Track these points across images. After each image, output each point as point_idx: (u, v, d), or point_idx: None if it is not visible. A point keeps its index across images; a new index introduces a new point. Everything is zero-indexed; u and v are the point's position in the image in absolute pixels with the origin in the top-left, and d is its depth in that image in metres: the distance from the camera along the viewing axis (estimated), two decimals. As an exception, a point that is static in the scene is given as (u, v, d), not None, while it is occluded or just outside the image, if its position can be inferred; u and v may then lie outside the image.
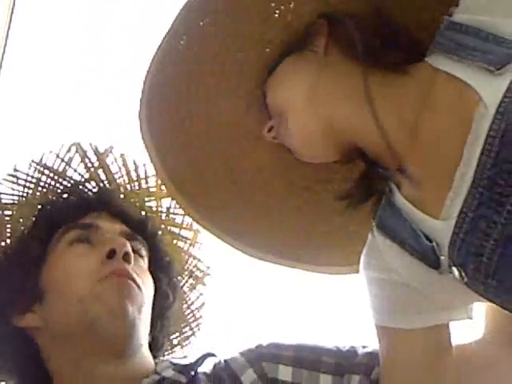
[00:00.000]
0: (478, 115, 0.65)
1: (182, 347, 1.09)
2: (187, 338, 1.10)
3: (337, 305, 1.35)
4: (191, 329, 1.10)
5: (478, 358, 0.84)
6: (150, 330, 0.93)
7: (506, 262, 0.64)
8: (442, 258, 0.70)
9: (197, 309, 1.10)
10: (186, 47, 0.83)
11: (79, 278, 0.86)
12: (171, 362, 0.91)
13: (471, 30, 0.71)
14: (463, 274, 0.69)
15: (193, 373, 0.88)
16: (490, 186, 0.64)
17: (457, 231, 0.68)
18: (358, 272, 0.84)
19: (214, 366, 0.90)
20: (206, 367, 0.90)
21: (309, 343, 0.90)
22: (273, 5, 0.82)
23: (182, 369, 0.89)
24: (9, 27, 1.42)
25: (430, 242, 0.71)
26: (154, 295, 0.94)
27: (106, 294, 0.84)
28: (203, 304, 1.10)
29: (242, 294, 1.43)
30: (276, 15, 0.83)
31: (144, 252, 0.95)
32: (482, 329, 0.84)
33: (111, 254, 0.87)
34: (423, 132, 0.73)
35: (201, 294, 1.10)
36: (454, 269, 0.69)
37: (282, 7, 0.82)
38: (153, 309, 0.92)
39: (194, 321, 1.10)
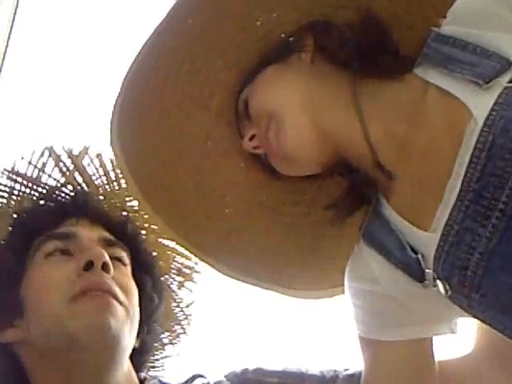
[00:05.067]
0: (469, 130, 0.65)
1: (173, 345, 1.08)
2: (178, 335, 1.08)
3: (322, 323, 1.33)
4: (182, 327, 1.08)
5: (466, 373, 0.84)
6: (138, 335, 0.91)
7: (490, 276, 0.64)
8: (427, 270, 0.70)
9: (187, 306, 1.08)
10: (169, 47, 0.81)
11: (55, 292, 0.84)
12: (160, 381, 0.90)
13: (458, 43, 0.71)
14: (447, 287, 0.68)
15: None
16: (476, 199, 0.64)
17: (442, 244, 0.68)
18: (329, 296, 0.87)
19: None
20: None
21: (293, 369, 0.91)
22: (257, 12, 0.82)
23: None
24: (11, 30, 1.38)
25: (416, 254, 0.71)
26: (140, 299, 0.91)
27: (85, 310, 0.82)
28: (193, 301, 1.09)
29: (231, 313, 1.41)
30: (258, 23, 0.82)
31: (126, 258, 0.92)
32: (472, 344, 0.84)
33: (88, 266, 0.85)
34: (414, 145, 0.72)
35: (190, 291, 1.08)
36: (439, 282, 0.69)
37: (265, 16, 0.82)
38: (139, 313, 0.90)
39: (184, 318, 1.08)
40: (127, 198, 1.02)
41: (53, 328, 0.82)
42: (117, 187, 1.01)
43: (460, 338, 0.80)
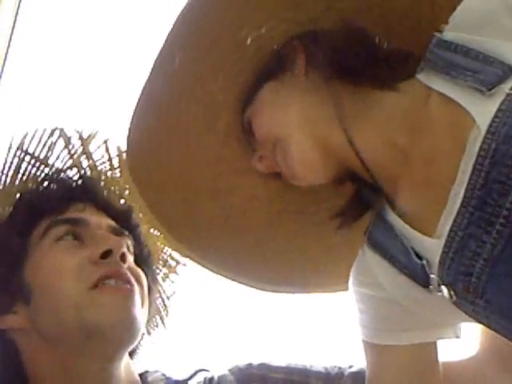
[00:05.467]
0: (472, 137, 0.65)
1: (149, 334, 1.08)
2: (156, 325, 1.08)
3: (328, 318, 1.36)
4: (161, 317, 1.08)
5: (470, 375, 0.86)
6: None
7: (494, 282, 0.64)
8: (432, 276, 0.70)
9: (168, 297, 1.08)
10: (163, 87, 0.81)
11: (71, 279, 0.81)
12: (163, 375, 0.89)
13: (460, 49, 0.71)
14: (452, 293, 0.69)
15: None
16: (480, 206, 0.64)
17: (446, 250, 0.68)
18: None
19: (204, 381, 0.89)
20: (196, 380, 0.90)
21: (298, 365, 0.91)
22: (244, 32, 0.80)
23: None
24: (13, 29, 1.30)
25: (421, 259, 0.71)
26: None
27: (108, 302, 0.80)
28: (174, 293, 1.09)
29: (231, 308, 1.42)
30: (248, 41, 0.81)
31: (131, 248, 0.92)
32: (475, 347, 0.86)
33: (106, 254, 0.83)
34: (417, 152, 0.72)
35: (172, 282, 1.09)
36: (444, 288, 0.69)
37: (254, 33, 0.81)
38: None
39: (164, 309, 1.08)
40: (126, 186, 1.01)
41: (71, 318, 0.79)
42: (118, 175, 0.99)
43: (464, 340, 0.82)
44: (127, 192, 1.00)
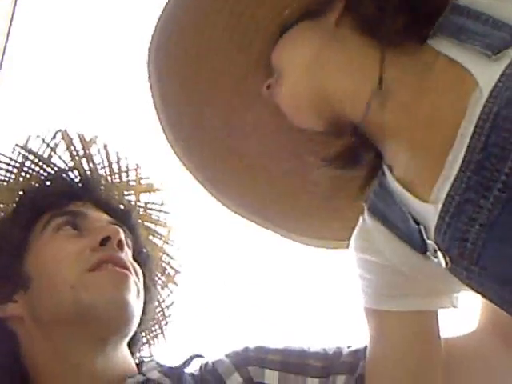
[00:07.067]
0: (473, 100, 0.65)
1: (149, 345, 1.08)
2: (156, 336, 1.08)
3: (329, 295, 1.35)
4: (160, 327, 1.08)
5: (470, 350, 0.85)
6: None
7: (490, 248, 0.63)
8: (429, 242, 0.70)
9: (167, 307, 1.09)
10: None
11: (69, 262, 0.84)
12: (158, 363, 0.90)
13: (473, 13, 0.70)
14: (447, 259, 0.68)
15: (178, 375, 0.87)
16: (478, 170, 0.63)
17: (443, 215, 0.67)
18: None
19: (201, 367, 0.89)
20: (193, 368, 0.90)
21: (296, 346, 0.89)
22: None
23: (168, 371, 0.88)
24: (10, 24, 1.37)
25: (418, 225, 0.71)
26: None
27: (101, 283, 0.82)
28: (173, 302, 1.10)
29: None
30: None
31: (130, 243, 0.94)
32: (476, 321, 0.86)
33: (105, 241, 0.86)
34: (420, 113, 0.72)
35: (171, 292, 1.09)
36: (439, 254, 0.69)
37: None
38: None
39: (163, 319, 1.09)
40: (125, 192, 1.04)
41: (67, 299, 0.81)
42: (117, 180, 1.03)
43: (465, 315, 0.82)
44: (126, 198, 1.04)
